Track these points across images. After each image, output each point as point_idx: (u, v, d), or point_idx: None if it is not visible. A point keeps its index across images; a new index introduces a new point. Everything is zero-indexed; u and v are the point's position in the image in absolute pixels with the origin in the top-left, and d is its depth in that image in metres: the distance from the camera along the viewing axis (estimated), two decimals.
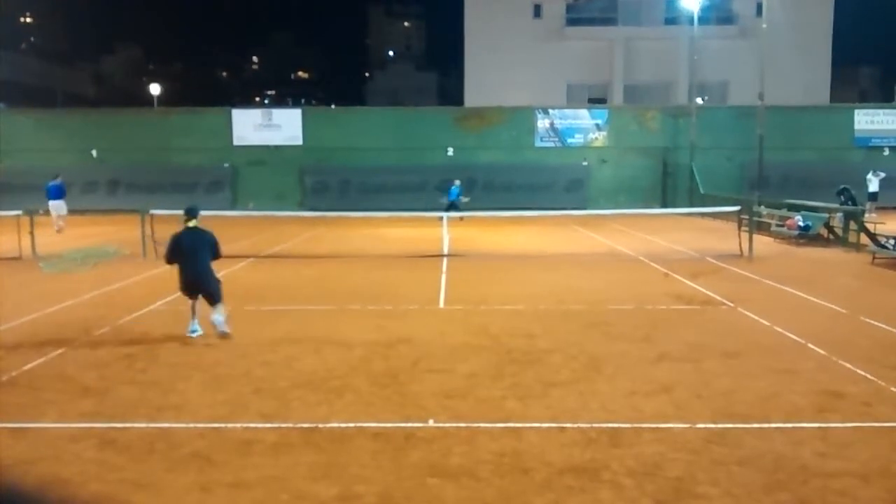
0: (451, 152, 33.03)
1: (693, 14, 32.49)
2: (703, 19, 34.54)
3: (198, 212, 9.46)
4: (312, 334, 9.28)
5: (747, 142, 29.24)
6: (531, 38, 42.61)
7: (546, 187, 31.52)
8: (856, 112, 33.89)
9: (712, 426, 6.03)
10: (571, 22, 43.65)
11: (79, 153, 32.57)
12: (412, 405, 6.58)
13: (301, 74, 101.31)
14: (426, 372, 7.62)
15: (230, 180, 32.81)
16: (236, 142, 33.28)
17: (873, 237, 17.06)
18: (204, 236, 9.23)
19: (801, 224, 19.10)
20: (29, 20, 69.88)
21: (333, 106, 47.16)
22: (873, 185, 26.25)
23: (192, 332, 9.05)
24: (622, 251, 17.95)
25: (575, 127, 33.45)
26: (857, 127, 33.38)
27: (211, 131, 33.25)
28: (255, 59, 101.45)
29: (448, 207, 24.52)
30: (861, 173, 26.75)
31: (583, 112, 34.28)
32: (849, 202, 19.51)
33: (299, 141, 33.32)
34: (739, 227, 18.54)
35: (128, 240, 18.10)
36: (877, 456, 5.44)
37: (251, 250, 17.37)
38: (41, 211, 22.15)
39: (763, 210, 22.06)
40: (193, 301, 9.12)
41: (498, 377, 7.42)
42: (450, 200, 25.40)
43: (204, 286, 9.04)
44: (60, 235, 21.68)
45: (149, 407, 6.59)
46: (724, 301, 11.37)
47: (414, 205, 26.80)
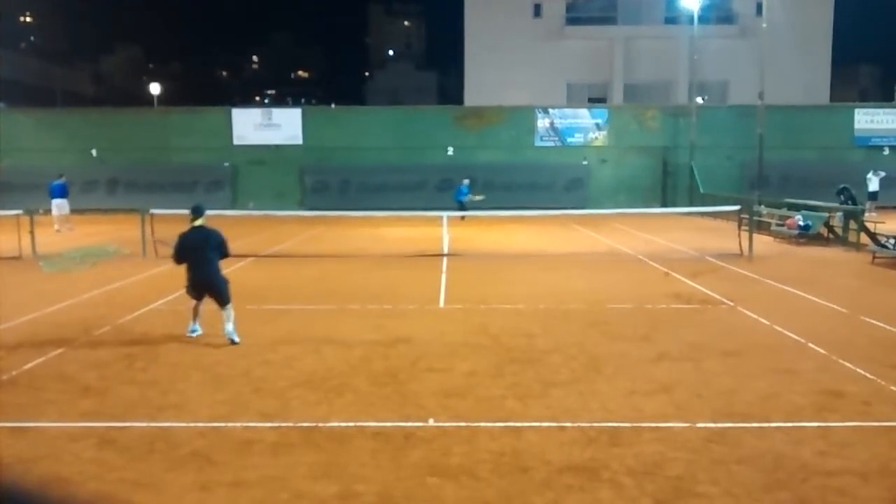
0: (451, 152, 33.01)
1: (693, 13, 32.46)
2: (703, 18, 34.49)
3: (204, 210, 9.25)
4: (312, 334, 9.29)
5: (747, 141, 29.22)
6: (531, 38, 42.57)
7: (546, 187, 31.50)
8: (856, 111, 33.85)
9: (712, 425, 6.03)
10: (571, 21, 43.62)
11: (79, 153, 32.54)
12: (412, 404, 6.58)
13: (301, 74, 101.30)
14: (426, 371, 7.62)
15: (230, 180, 32.79)
16: (236, 141, 33.25)
17: (873, 236, 17.07)
18: (211, 235, 9.01)
19: (801, 223, 19.10)
20: (29, 20, 69.84)
21: (333, 105, 47.06)
22: (873, 185, 26.26)
23: (192, 333, 8.98)
24: (622, 251, 17.95)
25: (575, 126, 33.42)
26: (857, 126, 33.36)
27: (211, 131, 33.22)
28: (255, 59, 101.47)
29: (459, 207, 24.74)
30: (861, 173, 26.74)
31: (583, 111, 34.26)
32: (849, 201, 19.50)
33: (299, 140, 33.28)
34: (739, 227, 18.56)
35: (128, 239, 18.10)
36: (876, 455, 5.44)
37: (251, 250, 17.36)
38: (41, 210, 22.15)
39: (763, 209, 22.06)
40: (198, 302, 8.99)
41: (498, 376, 7.42)
42: (457, 200, 25.48)
43: (212, 286, 8.87)
44: (60, 235, 21.68)
45: (149, 406, 6.59)
46: (724, 300, 11.37)
47: (414, 204, 26.86)
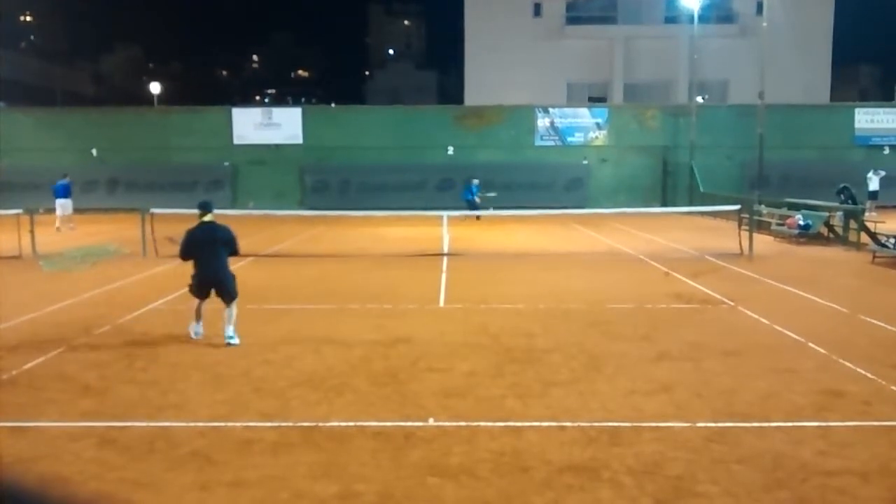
0: (452, 151, 33.00)
1: (693, 13, 32.43)
2: (703, 18, 34.45)
3: (212, 206, 9.09)
4: (312, 333, 9.28)
5: (747, 141, 29.21)
6: (531, 37, 42.55)
7: (546, 186, 31.48)
8: (856, 111, 33.82)
9: (712, 425, 6.03)
10: (571, 21, 43.60)
11: (79, 152, 32.51)
12: (412, 404, 6.58)
13: (301, 73, 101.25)
14: (426, 371, 7.62)
15: (230, 179, 32.77)
16: (236, 141, 33.23)
17: (873, 236, 17.07)
18: (219, 231, 8.83)
19: (802, 223, 19.10)
20: (29, 19, 69.80)
21: (333, 105, 46.95)
22: (873, 184, 26.27)
23: (196, 335, 8.84)
24: (622, 250, 17.94)
25: (575, 126, 33.40)
26: (858, 126, 33.33)
27: (211, 130, 33.20)
28: (255, 58, 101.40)
29: (469, 206, 24.83)
30: (861, 172, 26.74)
31: (583, 111, 34.24)
32: (849, 201, 19.50)
33: (299, 140, 33.27)
34: (739, 226, 18.56)
35: (128, 239, 18.10)
36: (876, 455, 5.44)
37: (251, 249, 17.32)
38: (41, 210, 22.16)
39: (763, 209, 22.05)
40: (201, 302, 8.85)
41: (498, 376, 7.42)
42: (466, 199, 25.50)
43: (219, 283, 8.72)
44: (61, 234, 21.68)
45: (149, 406, 6.59)
46: (725, 300, 11.37)
47: (414, 204, 26.87)
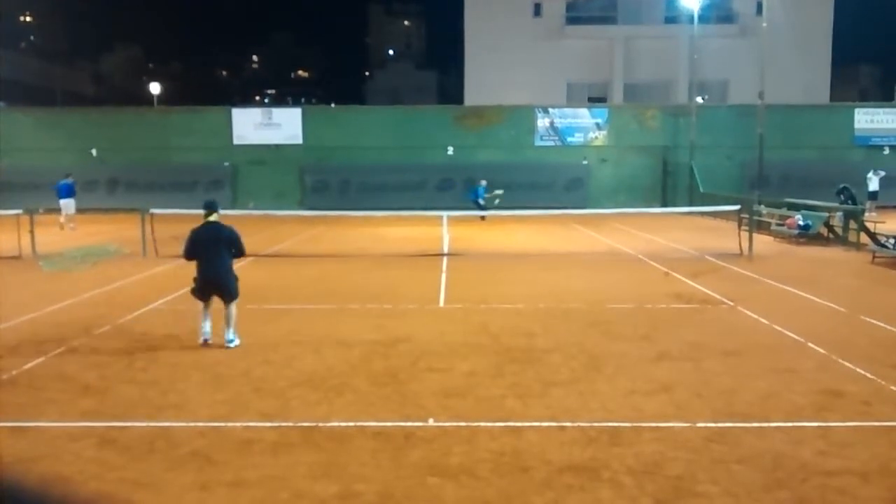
0: (452, 151, 32.99)
1: (693, 13, 32.42)
2: (703, 18, 34.45)
3: (217, 206, 8.92)
4: (312, 333, 9.29)
5: (747, 141, 29.21)
6: (531, 37, 42.54)
7: (546, 186, 31.47)
8: (856, 111, 33.82)
9: (712, 425, 6.03)
10: (571, 21, 43.60)
11: (79, 152, 32.50)
12: (412, 404, 6.58)
13: (301, 73, 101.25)
14: (426, 371, 7.62)
15: (230, 179, 32.76)
16: (236, 141, 33.22)
17: (873, 236, 17.07)
18: (223, 231, 8.66)
19: (801, 223, 19.10)
20: (28, 19, 69.80)
21: (333, 105, 47.02)
22: (873, 184, 26.27)
23: (205, 335, 8.59)
24: (622, 250, 17.94)
25: (575, 126, 33.40)
26: (857, 126, 33.33)
27: (211, 130, 33.19)
28: (255, 59, 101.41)
29: (476, 207, 24.96)
30: (861, 172, 26.73)
31: (583, 111, 34.23)
32: (849, 201, 19.50)
33: (299, 140, 33.26)
34: (739, 227, 18.57)
35: (128, 239, 18.10)
36: (876, 455, 5.44)
37: (251, 249, 17.10)
38: (41, 210, 22.16)
39: (763, 209, 22.05)
40: (205, 305, 8.64)
41: (498, 376, 7.42)
42: (473, 200, 25.55)
43: (220, 285, 8.55)
44: (61, 235, 21.67)
45: (149, 406, 6.59)
46: (724, 300, 11.37)
47: (414, 204, 26.88)
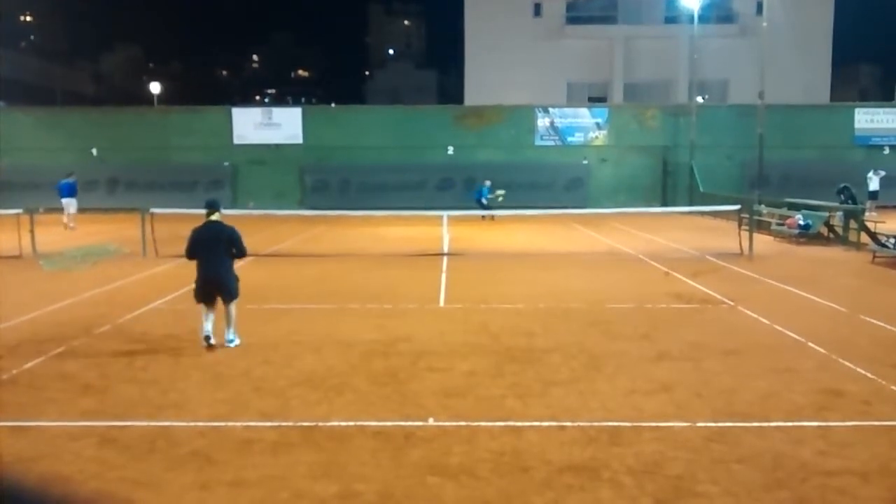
0: (452, 151, 32.99)
1: (693, 12, 32.41)
2: (704, 18, 34.43)
3: (219, 204, 8.68)
4: (312, 333, 9.29)
5: (747, 140, 29.21)
6: (531, 37, 42.54)
7: (546, 186, 31.47)
8: (856, 111, 33.81)
9: (712, 425, 6.03)
10: (571, 20, 43.60)
11: (79, 152, 32.50)
12: (412, 404, 6.58)
13: (301, 73, 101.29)
14: (426, 371, 7.62)
15: (230, 179, 32.76)
16: (236, 140, 33.22)
17: (873, 236, 17.07)
18: (224, 231, 8.46)
19: (802, 223, 19.10)
20: (29, 19, 69.80)
21: (333, 104, 46.87)
22: (874, 184, 26.27)
23: (207, 338, 8.35)
24: (622, 250, 17.94)
25: (575, 125, 33.40)
26: (858, 126, 33.33)
27: (211, 130, 33.19)
28: (255, 58, 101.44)
29: (480, 207, 25.01)
30: (861, 172, 26.73)
31: (583, 111, 34.23)
32: (849, 201, 19.50)
33: (299, 140, 33.26)
34: (739, 226, 18.56)
35: (128, 238, 18.11)
36: (876, 454, 5.44)
37: (251, 249, 17.18)
38: (41, 209, 22.17)
39: (763, 209, 22.05)
40: (208, 309, 8.40)
41: (498, 376, 7.42)
42: (477, 200, 25.57)
43: (220, 285, 8.37)
44: (61, 234, 21.67)
45: (149, 405, 6.59)
46: (724, 300, 11.37)
47: (414, 203, 26.88)
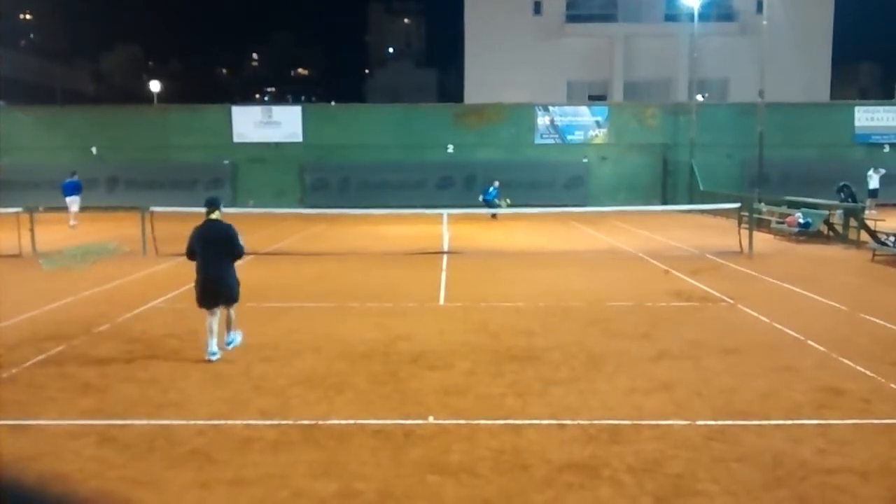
0: (452, 149, 32.97)
1: (693, 11, 32.36)
2: (704, 16, 34.38)
3: (219, 202, 8.32)
4: (312, 332, 9.29)
5: (747, 139, 29.19)
6: (531, 35, 42.53)
7: (546, 184, 31.46)
8: (856, 109, 33.79)
9: (712, 423, 6.03)
10: (571, 19, 43.58)
11: (78, 150, 32.47)
12: (412, 402, 6.58)
13: (301, 72, 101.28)
14: (426, 369, 7.62)
15: (230, 177, 32.74)
16: (236, 139, 33.20)
17: (873, 234, 17.07)
18: (221, 230, 8.10)
19: (801, 221, 19.10)
20: (28, 17, 69.78)
21: (333, 103, 46.89)
22: (873, 182, 26.27)
23: (212, 355, 7.91)
24: (622, 248, 17.94)
25: (575, 124, 33.37)
26: (858, 124, 33.30)
27: (211, 129, 33.17)
28: (255, 57, 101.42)
29: (486, 206, 25.00)
30: (861, 170, 26.74)
31: (583, 109, 34.20)
32: (849, 199, 19.49)
33: (299, 138, 33.24)
34: (739, 224, 18.54)
35: (128, 237, 18.10)
36: (876, 453, 5.44)
37: (251, 247, 17.15)
38: (41, 208, 22.16)
39: (763, 207, 22.05)
40: (211, 315, 8.02)
41: (497, 374, 7.42)
42: (485, 200, 25.56)
43: (221, 285, 8.05)
44: (63, 233, 21.67)
45: (149, 404, 6.59)
46: (724, 298, 11.37)
47: (414, 202, 26.87)
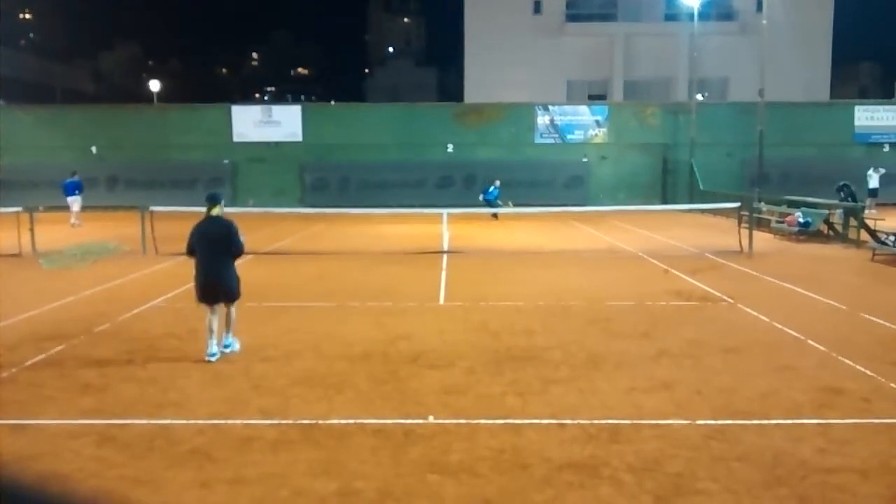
0: (451, 149, 32.97)
1: (693, 10, 32.34)
2: (703, 15, 34.37)
3: (220, 198, 8.20)
4: (312, 331, 9.28)
5: (747, 138, 29.19)
6: (531, 35, 42.54)
7: (546, 184, 31.47)
8: (856, 108, 33.80)
9: (712, 422, 6.03)
10: (571, 18, 43.61)
11: (78, 150, 32.47)
12: (412, 402, 6.58)
13: (301, 71, 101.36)
14: (426, 368, 7.62)
15: (230, 177, 32.73)
16: (236, 138, 33.19)
17: (873, 233, 17.07)
18: (222, 227, 7.98)
19: (801, 220, 19.10)
20: (28, 17, 69.80)
21: (333, 102, 46.94)
22: (873, 182, 26.29)
23: (211, 356, 7.84)
24: (622, 248, 17.94)
25: (575, 123, 33.37)
26: (858, 123, 33.31)
27: (210, 128, 33.18)
28: (255, 56, 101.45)
29: (487, 205, 25.01)
30: (861, 170, 26.76)
31: (583, 108, 34.20)
32: (849, 198, 19.49)
33: (299, 137, 33.23)
34: (739, 224, 18.55)
35: (128, 236, 18.10)
36: (876, 452, 5.44)
37: (251, 247, 17.16)
38: (41, 208, 22.15)
39: (763, 206, 22.05)
40: (211, 313, 7.93)
41: (497, 374, 7.42)
42: (486, 199, 25.57)
43: (222, 283, 7.95)
44: (64, 232, 21.66)
45: (148, 404, 6.59)
46: (724, 297, 11.37)
47: (414, 201, 26.89)
